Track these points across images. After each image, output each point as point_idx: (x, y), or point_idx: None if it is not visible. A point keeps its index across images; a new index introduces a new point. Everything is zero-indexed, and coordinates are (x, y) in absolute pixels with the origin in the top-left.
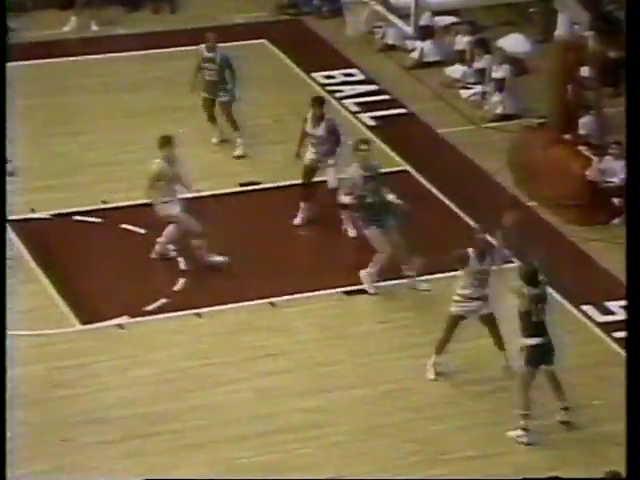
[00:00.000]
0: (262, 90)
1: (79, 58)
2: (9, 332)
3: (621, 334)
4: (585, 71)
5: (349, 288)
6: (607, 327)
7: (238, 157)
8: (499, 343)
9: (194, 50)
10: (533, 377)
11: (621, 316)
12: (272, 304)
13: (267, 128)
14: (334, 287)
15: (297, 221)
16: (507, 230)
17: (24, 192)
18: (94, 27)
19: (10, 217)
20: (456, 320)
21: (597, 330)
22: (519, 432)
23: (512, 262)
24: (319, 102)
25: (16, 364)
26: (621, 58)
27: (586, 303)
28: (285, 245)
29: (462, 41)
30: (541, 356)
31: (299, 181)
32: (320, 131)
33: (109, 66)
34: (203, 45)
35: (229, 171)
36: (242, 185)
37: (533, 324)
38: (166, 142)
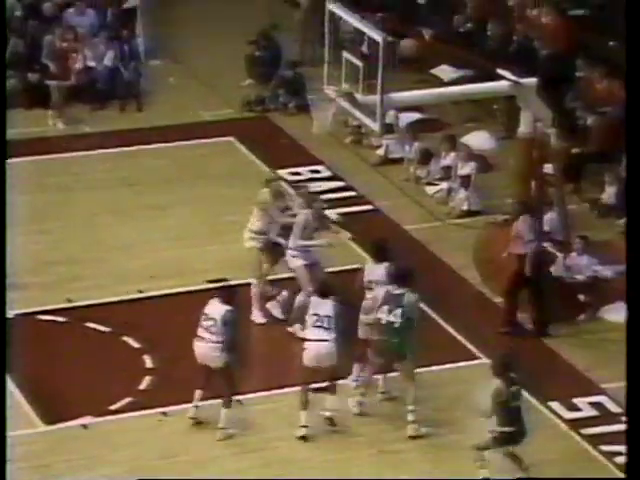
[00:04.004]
0: (229, 187)
1: (45, 157)
2: None
3: (589, 430)
4: (548, 168)
5: (317, 385)
6: (574, 424)
7: None
8: None
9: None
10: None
11: (588, 412)
12: (239, 402)
13: (234, 225)
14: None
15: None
16: None
17: None
18: (60, 125)
19: None
20: None
21: (564, 427)
22: None
23: None
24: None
25: None
26: (583, 155)
27: (553, 399)
28: (251, 342)
29: (411, 148)
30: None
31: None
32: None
33: (75, 165)
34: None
35: (196, 268)
36: (210, 282)
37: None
38: None
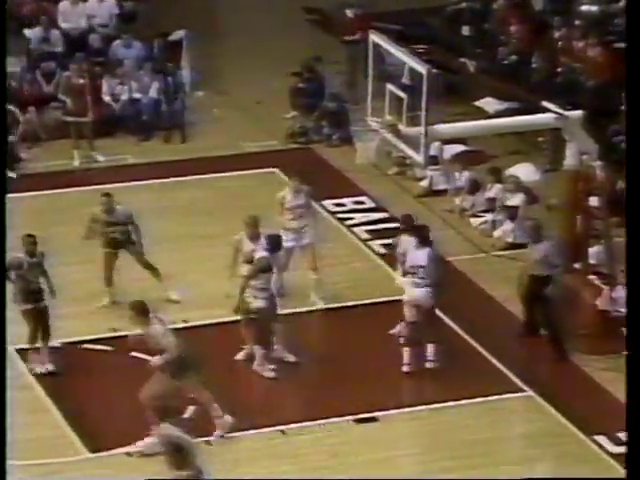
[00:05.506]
0: (272, 218)
1: (90, 188)
2: (18, 462)
3: None
4: (594, 201)
5: (360, 416)
6: (620, 458)
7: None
8: None
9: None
10: None
11: None
12: (283, 432)
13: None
14: (344, 415)
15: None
16: None
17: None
18: (100, 158)
19: (19, 346)
20: None
21: (610, 460)
22: None
23: None
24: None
25: None
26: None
27: (599, 433)
28: (295, 374)
29: (461, 176)
30: None
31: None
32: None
33: (120, 195)
34: (99, 207)
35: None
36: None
37: None
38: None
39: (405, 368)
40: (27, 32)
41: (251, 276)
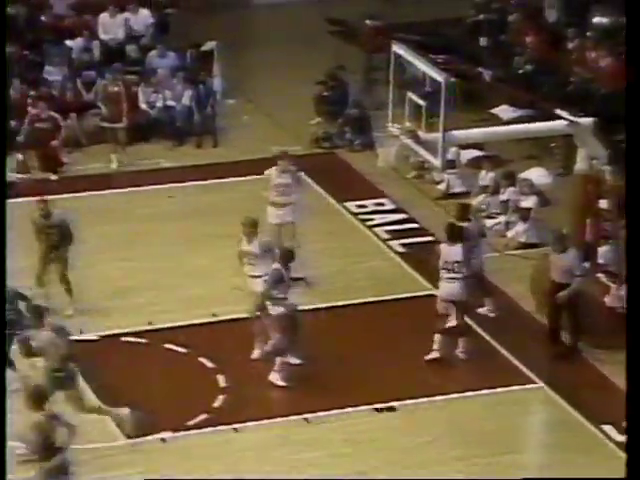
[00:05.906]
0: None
1: (125, 190)
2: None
3: None
4: (604, 203)
5: (380, 405)
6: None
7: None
8: None
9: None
10: None
11: None
12: (306, 420)
13: (301, 252)
14: (365, 404)
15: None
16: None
17: (73, 314)
18: (127, 162)
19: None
20: None
21: (616, 449)
22: None
23: None
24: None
25: None
26: None
27: (605, 423)
28: (316, 363)
29: (486, 176)
30: None
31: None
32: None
33: (154, 198)
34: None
35: None
36: None
37: None
38: None
39: (433, 354)
40: (69, 43)
41: (268, 289)
